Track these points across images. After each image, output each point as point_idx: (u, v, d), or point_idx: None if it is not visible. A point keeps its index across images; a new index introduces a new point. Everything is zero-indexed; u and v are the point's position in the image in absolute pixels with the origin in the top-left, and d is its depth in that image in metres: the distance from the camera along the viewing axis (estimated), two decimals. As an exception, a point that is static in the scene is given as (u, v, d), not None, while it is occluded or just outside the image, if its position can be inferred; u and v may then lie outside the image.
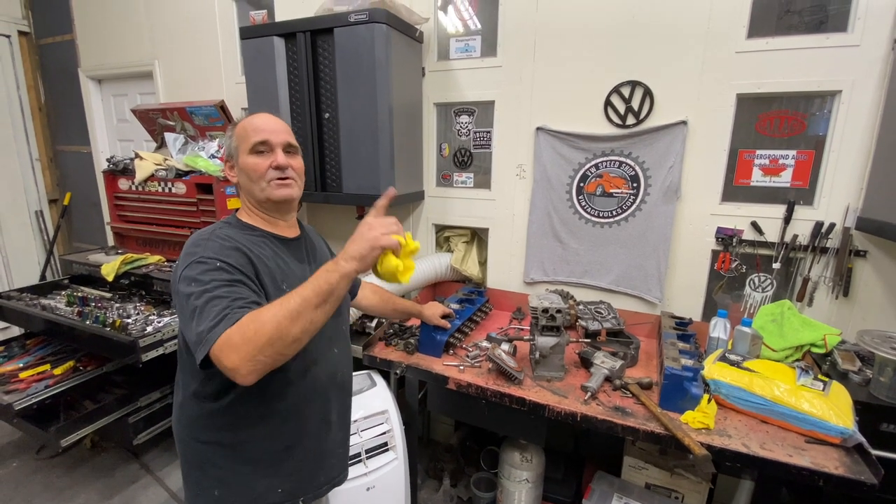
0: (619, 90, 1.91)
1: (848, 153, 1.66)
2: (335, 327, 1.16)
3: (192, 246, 0.96)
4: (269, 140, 1.04)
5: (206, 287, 0.88)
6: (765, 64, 1.70)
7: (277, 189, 1.05)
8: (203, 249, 0.94)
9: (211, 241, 0.96)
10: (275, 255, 1.04)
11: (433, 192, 2.40)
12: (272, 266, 1.01)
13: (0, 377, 2.03)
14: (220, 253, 0.93)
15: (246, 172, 1.05)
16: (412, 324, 2.03)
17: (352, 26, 1.86)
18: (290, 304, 0.81)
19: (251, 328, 0.79)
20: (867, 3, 1.56)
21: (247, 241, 1.01)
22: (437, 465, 2.32)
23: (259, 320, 0.80)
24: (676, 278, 1.98)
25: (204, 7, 2.75)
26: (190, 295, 0.88)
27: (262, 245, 1.04)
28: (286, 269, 1.04)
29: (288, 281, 1.02)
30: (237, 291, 0.89)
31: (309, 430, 1.10)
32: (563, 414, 1.44)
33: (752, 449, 1.24)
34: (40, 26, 3.64)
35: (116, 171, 2.58)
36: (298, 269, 1.08)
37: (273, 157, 1.04)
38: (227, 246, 0.95)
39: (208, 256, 0.92)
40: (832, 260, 1.72)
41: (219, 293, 0.87)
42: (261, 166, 1.04)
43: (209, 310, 0.84)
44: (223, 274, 0.90)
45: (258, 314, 0.81)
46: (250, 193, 1.07)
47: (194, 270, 0.91)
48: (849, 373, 1.47)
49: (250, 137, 1.04)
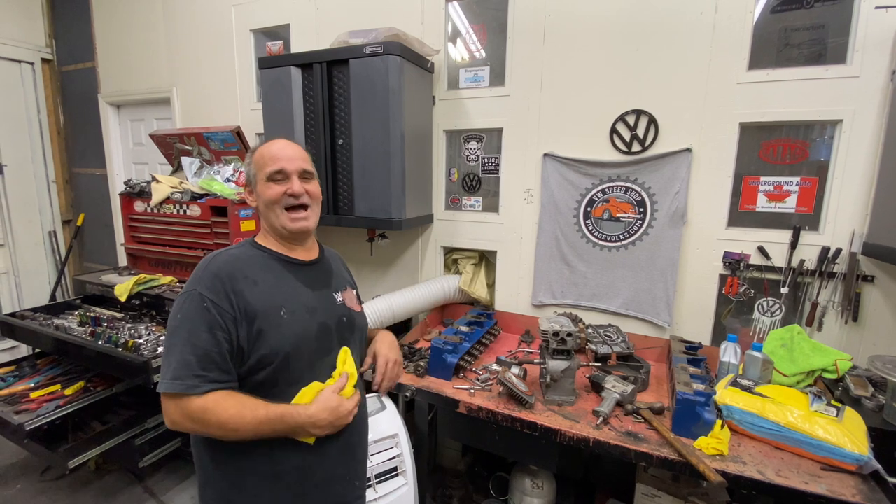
0: (624, 118, 1.97)
1: (851, 180, 1.70)
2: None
3: (195, 275, 1.02)
4: (284, 168, 1.08)
5: (185, 330, 0.96)
6: (766, 94, 1.76)
7: (292, 222, 1.09)
8: (198, 283, 0.99)
9: (207, 272, 1.01)
10: (279, 280, 1.06)
11: (442, 216, 2.44)
12: (269, 293, 1.03)
13: (11, 397, 2.03)
14: (212, 290, 0.98)
15: (262, 199, 1.09)
16: (422, 346, 2.04)
17: (367, 58, 1.94)
18: (246, 430, 0.95)
19: (203, 414, 0.93)
20: (864, 36, 1.62)
21: (250, 262, 1.05)
22: (445, 492, 2.28)
23: (214, 416, 0.93)
24: (685, 302, 1.99)
25: (222, 37, 2.86)
26: (173, 328, 0.98)
27: (267, 268, 1.06)
28: (289, 294, 1.06)
29: (288, 306, 1.04)
30: (208, 347, 0.95)
31: (301, 461, 1.06)
32: (576, 439, 1.43)
33: (768, 476, 1.23)
34: (63, 54, 3.79)
35: (133, 194, 2.64)
36: (306, 295, 1.09)
37: (289, 184, 1.08)
38: (219, 281, 0.99)
39: (199, 293, 0.98)
40: (840, 285, 1.73)
41: (195, 342, 0.95)
42: (276, 193, 1.07)
43: (176, 356, 0.95)
44: (209, 317, 0.96)
45: (219, 412, 0.93)
46: (267, 219, 1.11)
47: (185, 304, 0.98)
48: (862, 399, 1.47)
49: (267, 166, 1.08)
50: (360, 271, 2.69)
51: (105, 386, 2.14)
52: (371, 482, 1.70)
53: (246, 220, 2.32)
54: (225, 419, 0.93)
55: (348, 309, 1.19)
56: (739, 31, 1.76)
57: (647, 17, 1.88)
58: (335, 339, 1.12)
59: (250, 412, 0.94)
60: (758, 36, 1.76)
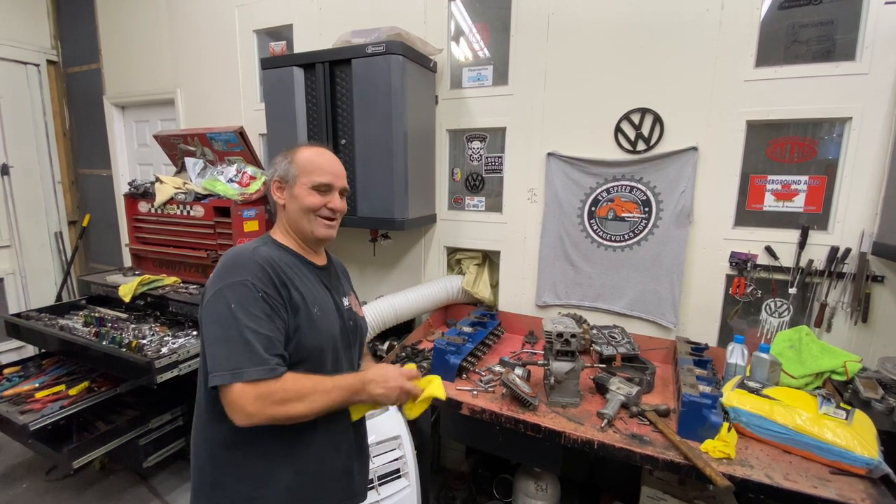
0: (629, 117, 1.95)
1: (861, 178, 1.67)
2: (350, 359, 1.18)
3: (234, 265, 0.99)
4: (332, 183, 1.11)
5: (245, 317, 0.93)
6: (774, 92, 1.73)
7: (323, 228, 1.11)
8: (247, 272, 0.97)
9: (252, 262, 0.99)
10: (306, 279, 1.09)
11: (445, 216, 2.43)
12: (303, 289, 1.05)
13: (16, 397, 2.04)
14: (262, 280, 0.97)
15: (301, 204, 1.09)
16: (425, 346, 2.03)
17: (369, 57, 1.94)
18: (322, 399, 0.95)
19: (284, 394, 0.91)
20: (874, 32, 1.59)
21: (283, 262, 1.05)
22: (448, 494, 2.27)
23: (295, 392, 0.93)
24: (691, 303, 1.96)
25: (226, 38, 2.87)
26: (227, 317, 0.93)
27: (296, 267, 1.08)
28: (316, 293, 1.09)
29: (319, 304, 1.07)
30: (270, 333, 0.95)
31: (317, 456, 1.08)
32: (580, 441, 1.41)
33: (776, 480, 1.21)
34: (68, 55, 3.81)
35: (137, 195, 2.65)
36: (328, 296, 1.13)
37: (330, 198, 1.11)
38: (267, 272, 0.99)
39: (252, 283, 0.96)
40: (849, 285, 1.71)
41: (257, 328, 0.93)
42: (317, 204, 1.10)
43: (240, 345, 0.91)
44: (263, 306, 0.95)
45: (298, 387, 0.93)
46: (295, 222, 1.11)
47: (236, 293, 0.95)
48: (871, 401, 1.44)
49: (315, 176, 1.09)
50: (362, 272, 2.68)
51: (109, 386, 2.14)
52: (374, 484, 1.70)
53: (249, 221, 2.32)
54: (308, 388, 0.94)
55: (354, 313, 1.22)
56: (746, 27, 1.73)
57: (652, 14, 1.86)
58: (350, 340, 1.17)
59: (321, 380, 0.97)
60: (765, 32, 1.73)
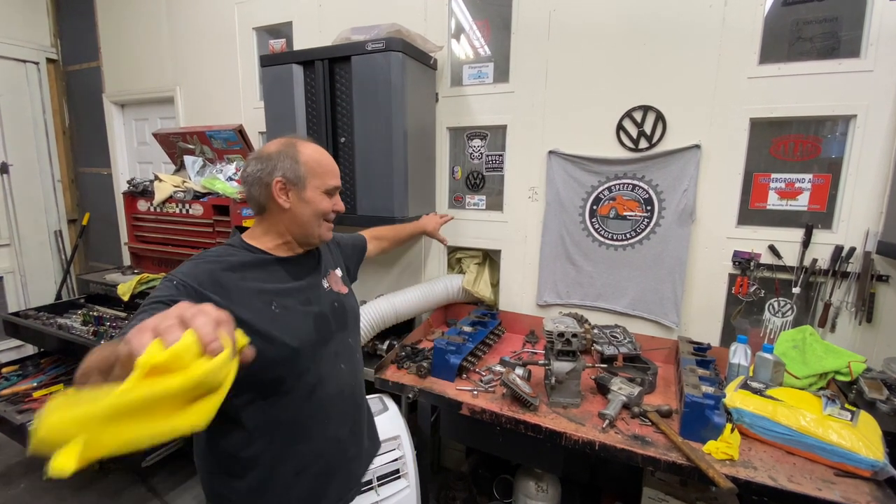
0: (631, 115, 1.93)
1: (866, 177, 1.65)
2: (341, 342, 1.15)
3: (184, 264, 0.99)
4: (339, 186, 1.13)
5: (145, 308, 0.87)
6: (777, 89, 1.71)
7: (329, 231, 1.12)
8: (176, 272, 0.95)
9: (191, 261, 0.98)
10: (267, 276, 1.04)
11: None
12: (259, 287, 1.00)
13: (14, 396, 2.04)
14: (189, 276, 0.93)
15: (314, 208, 1.07)
16: (425, 346, 2.01)
17: (369, 54, 1.92)
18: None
19: None
20: (879, 29, 1.57)
21: (232, 262, 1.00)
22: (447, 494, 2.26)
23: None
24: (693, 302, 1.95)
25: (225, 36, 2.85)
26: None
27: (254, 266, 1.03)
28: (279, 288, 1.04)
29: (279, 300, 1.02)
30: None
31: (318, 449, 1.09)
32: (581, 442, 1.40)
33: (780, 482, 1.19)
34: (68, 54, 3.80)
35: (136, 193, 2.64)
36: (295, 286, 1.08)
37: (335, 200, 1.12)
38: (192, 286, 0.92)
39: (176, 277, 0.93)
40: (854, 285, 1.69)
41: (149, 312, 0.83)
42: (329, 207, 1.10)
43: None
44: (173, 290, 0.89)
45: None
46: (301, 226, 1.07)
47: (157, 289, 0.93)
48: (876, 402, 1.42)
49: (327, 179, 1.09)
50: (362, 270, 2.65)
51: (108, 385, 2.14)
52: (373, 484, 1.68)
53: (248, 219, 2.30)
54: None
55: (336, 293, 1.18)
56: (750, 24, 1.71)
57: (655, 11, 1.84)
58: (333, 326, 1.12)
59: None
60: (769, 29, 1.71)
